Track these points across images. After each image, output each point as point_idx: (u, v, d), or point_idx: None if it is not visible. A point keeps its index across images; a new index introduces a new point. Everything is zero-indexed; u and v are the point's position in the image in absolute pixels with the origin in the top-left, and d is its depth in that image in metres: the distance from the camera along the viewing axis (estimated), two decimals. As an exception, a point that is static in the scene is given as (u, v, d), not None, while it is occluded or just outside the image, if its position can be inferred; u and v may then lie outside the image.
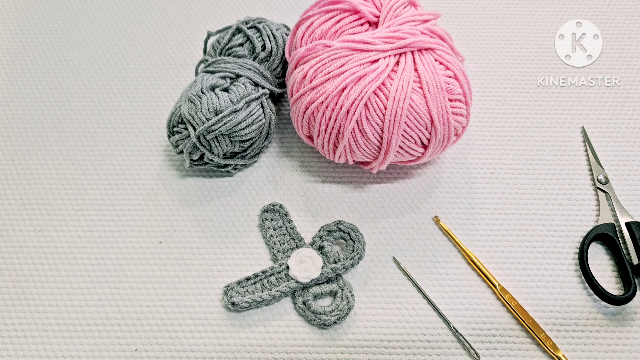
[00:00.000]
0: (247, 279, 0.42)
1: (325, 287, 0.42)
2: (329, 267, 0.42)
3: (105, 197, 0.48)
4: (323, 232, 0.44)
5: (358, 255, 0.43)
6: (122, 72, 0.55)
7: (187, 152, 0.45)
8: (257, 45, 0.48)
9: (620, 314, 0.42)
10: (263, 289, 0.42)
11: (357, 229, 0.44)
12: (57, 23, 0.59)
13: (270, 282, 0.42)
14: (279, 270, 0.42)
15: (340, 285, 0.42)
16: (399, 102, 0.41)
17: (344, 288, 0.42)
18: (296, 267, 0.42)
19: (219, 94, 0.44)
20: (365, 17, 0.45)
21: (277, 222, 0.45)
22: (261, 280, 0.42)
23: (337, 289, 0.42)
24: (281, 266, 0.42)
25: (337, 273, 0.42)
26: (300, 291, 0.42)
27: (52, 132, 0.52)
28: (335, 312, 0.41)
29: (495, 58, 0.56)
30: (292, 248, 0.44)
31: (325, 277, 0.42)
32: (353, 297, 0.42)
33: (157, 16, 0.59)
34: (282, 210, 0.45)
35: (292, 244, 0.44)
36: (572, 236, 0.46)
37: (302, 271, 0.42)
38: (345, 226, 0.44)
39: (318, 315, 0.40)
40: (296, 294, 0.42)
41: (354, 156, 0.45)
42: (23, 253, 0.46)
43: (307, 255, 0.42)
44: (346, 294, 0.41)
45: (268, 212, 0.45)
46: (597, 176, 0.48)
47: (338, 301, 0.41)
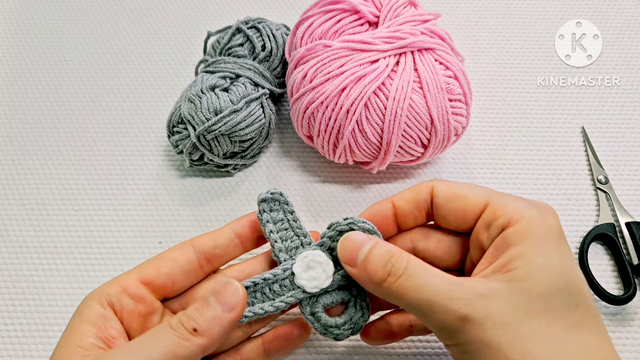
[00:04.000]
0: (245, 288, 0.34)
1: (337, 295, 0.36)
2: (340, 274, 0.35)
3: (105, 197, 0.48)
4: (333, 231, 0.35)
5: None
6: (122, 72, 0.55)
7: (187, 152, 0.45)
8: (257, 45, 0.48)
9: (620, 314, 0.42)
10: (264, 299, 0.35)
11: (374, 230, 0.35)
12: (57, 23, 0.59)
13: (273, 290, 0.35)
14: (282, 277, 0.35)
15: (353, 293, 0.36)
16: (399, 102, 0.41)
17: (358, 297, 0.36)
18: (303, 275, 0.35)
19: (219, 94, 0.44)
20: (365, 17, 0.45)
21: (278, 213, 0.37)
22: (262, 288, 0.35)
23: (350, 297, 0.36)
24: (285, 272, 0.35)
25: (350, 280, 0.35)
26: (307, 300, 0.35)
27: (52, 132, 0.52)
28: (348, 325, 0.35)
29: (495, 58, 0.56)
30: (297, 247, 0.36)
31: (337, 284, 0.35)
32: (368, 308, 0.36)
33: (157, 16, 0.59)
34: (282, 199, 0.37)
35: (296, 242, 0.36)
36: (572, 236, 0.46)
37: (311, 280, 0.35)
38: (359, 226, 0.35)
39: (329, 328, 0.35)
40: (303, 303, 0.35)
41: (354, 156, 0.45)
42: (23, 253, 0.46)
43: (316, 261, 0.35)
44: (361, 305, 0.36)
45: (266, 202, 0.36)
46: (597, 176, 0.48)
47: (352, 312, 0.35)
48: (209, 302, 0.31)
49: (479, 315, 0.28)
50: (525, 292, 0.28)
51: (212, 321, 0.30)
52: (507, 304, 0.28)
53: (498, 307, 0.28)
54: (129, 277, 0.33)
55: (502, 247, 0.30)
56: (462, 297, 0.28)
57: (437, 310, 0.29)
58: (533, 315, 0.28)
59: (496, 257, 0.30)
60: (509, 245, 0.30)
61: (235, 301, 0.31)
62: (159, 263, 0.34)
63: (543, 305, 0.28)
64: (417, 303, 0.29)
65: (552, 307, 0.28)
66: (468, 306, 0.28)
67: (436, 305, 0.29)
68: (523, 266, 0.29)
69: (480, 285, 0.29)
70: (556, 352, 0.28)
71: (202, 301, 0.31)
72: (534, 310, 0.28)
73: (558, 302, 0.29)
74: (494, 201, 0.32)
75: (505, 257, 0.30)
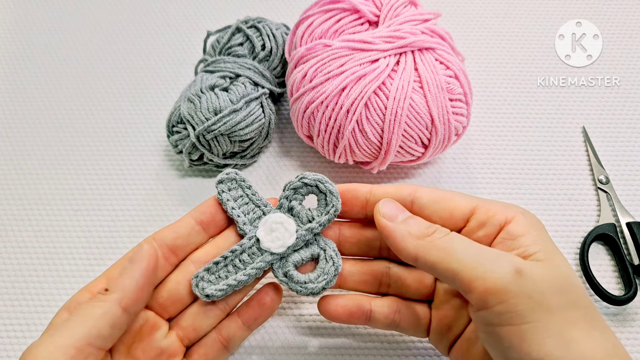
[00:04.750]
0: (215, 264, 0.36)
1: (305, 251, 0.37)
2: (303, 229, 0.36)
3: (105, 197, 0.48)
4: (288, 191, 0.37)
5: (334, 208, 0.36)
6: (121, 72, 0.55)
7: (187, 152, 0.45)
8: (257, 44, 0.48)
9: (621, 314, 0.42)
10: (237, 270, 0.36)
11: (324, 179, 0.37)
12: (56, 23, 0.59)
13: (243, 260, 0.36)
14: (249, 245, 0.36)
15: (321, 246, 0.37)
16: (399, 102, 0.41)
17: (326, 248, 0.37)
18: (267, 238, 0.36)
19: (219, 93, 0.44)
20: (365, 16, 0.45)
21: (237, 191, 0.38)
22: (232, 260, 0.36)
23: (319, 251, 0.37)
24: (250, 240, 0.36)
25: (314, 233, 0.37)
26: (278, 262, 0.36)
27: (51, 132, 0.52)
28: (322, 277, 0.36)
29: (496, 58, 0.56)
30: (259, 217, 0.37)
31: (302, 240, 0.36)
32: (338, 256, 0.36)
33: (157, 16, 0.59)
34: (238, 177, 0.38)
35: (257, 212, 0.37)
36: (572, 236, 0.46)
37: (275, 240, 0.36)
38: (310, 179, 0.37)
39: (303, 284, 0.36)
40: (275, 266, 0.36)
41: (354, 156, 0.45)
42: (22, 253, 0.46)
43: (277, 222, 0.36)
44: (330, 254, 0.36)
45: (223, 182, 0.37)
46: (598, 176, 0.48)
47: (322, 264, 0.36)
48: (121, 265, 0.32)
49: (530, 274, 0.28)
50: (554, 268, 0.29)
51: (121, 276, 0.31)
52: (547, 274, 0.29)
53: (542, 273, 0.29)
54: (97, 283, 0.33)
55: (510, 240, 0.31)
56: (511, 257, 0.29)
57: (487, 263, 0.29)
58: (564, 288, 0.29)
59: (510, 249, 0.31)
60: (518, 235, 0.31)
61: (140, 255, 0.32)
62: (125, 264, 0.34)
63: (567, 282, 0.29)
64: (464, 257, 0.29)
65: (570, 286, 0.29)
66: (520, 263, 0.29)
67: (487, 258, 0.29)
68: (542, 249, 0.30)
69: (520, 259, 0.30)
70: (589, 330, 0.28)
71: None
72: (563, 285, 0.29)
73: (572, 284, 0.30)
74: (483, 204, 0.33)
75: (520, 246, 0.31)
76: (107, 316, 0.30)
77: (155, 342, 0.34)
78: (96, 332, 0.29)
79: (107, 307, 0.30)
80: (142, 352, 0.33)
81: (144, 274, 0.32)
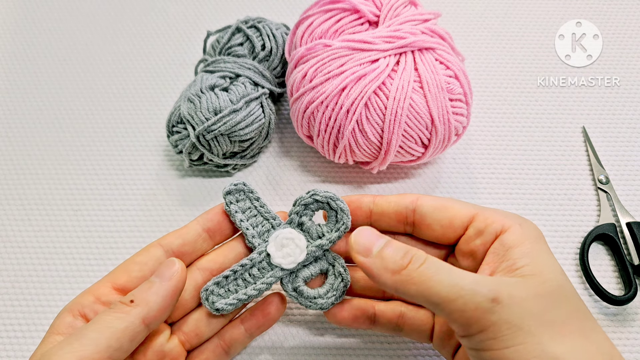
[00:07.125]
0: (225, 277, 0.36)
1: (314, 266, 0.37)
2: (313, 245, 0.37)
3: (105, 197, 0.48)
4: (299, 206, 0.37)
5: (344, 226, 0.37)
6: (121, 72, 0.55)
7: (187, 152, 0.45)
8: (257, 44, 0.48)
9: (621, 315, 0.42)
10: (246, 285, 0.36)
11: (336, 197, 0.37)
12: (56, 23, 0.59)
13: (253, 274, 0.36)
14: (259, 260, 0.36)
15: (329, 261, 0.37)
16: (399, 102, 0.41)
17: (335, 263, 0.37)
18: (278, 254, 0.36)
19: (219, 93, 0.44)
20: (365, 16, 0.45)
21: (244, 203, 0.38)
22: (242, 275, 0.36)
23: (328, 266, 0.37)
24: (260, 255, 0.36)
25: (324, 249, 0.37)
26: (288, 277, 0.37)
27: (51, 132, 0.52)
28: (331, 293, 0.37)
29: (496, 58, 0.56)
30: (268, 230, 0.37)
31: (312, 256, 0.37)
32: (347, 272, 0.37)
33: (157, 16, 0.59)
34: (246, 189, 0.38)
35: (266, 225, 0.38)
36: (572, 236, 0.46)
37: (286, 256, 0.36)
38: (322, 196, 0.37)
39: (313, 300, 0.36)
40: (284, 281, 0.37)
41: (354, 156, 0.45)
42: (22, 253, 0.46)
43: (288, 237, 0.37)
44: (338, 270, 0.37)
45: (231, 194, 0.37)
46: (598, 176, 0.48)
47: (331, 279, 0.37)
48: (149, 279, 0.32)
49: (507, 300, 0.28)
50: (540, 285, 0.29)
51: (148, 291, 0.31)
52: (528, 293, 0.29)
53: (522, 293, 0.29)
54: (101, 286, 0.33)
55: (502, 251, 0.31)
56: (489, 282, 0.29)
57: (464, 294, 0.28)
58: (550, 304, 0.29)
59: (499, 260, 0.31)
60: (510, 247, 0.31)
61: (170, 271, 0.32)
62: (130, 267, 0.34)
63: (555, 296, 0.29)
64: (440, 289, 0.29)
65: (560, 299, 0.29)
66: (496, 290, 0.28)
67: (464, 289, 0.28)
68: (530, 263, 0.30)
69: (501, 278, 0.30)
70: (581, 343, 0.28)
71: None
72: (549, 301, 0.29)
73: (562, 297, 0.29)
74: (482, 212, 0.33)
75: (510, 258, 0.31)
76: (128, 330, 0.30)
77: (158, 346, 0.34)
78: (118, 345, 0.29)
79: (130, 320, 0.30)
80: (144, 355, 0.33)
81: (171, 294, 0.32)
